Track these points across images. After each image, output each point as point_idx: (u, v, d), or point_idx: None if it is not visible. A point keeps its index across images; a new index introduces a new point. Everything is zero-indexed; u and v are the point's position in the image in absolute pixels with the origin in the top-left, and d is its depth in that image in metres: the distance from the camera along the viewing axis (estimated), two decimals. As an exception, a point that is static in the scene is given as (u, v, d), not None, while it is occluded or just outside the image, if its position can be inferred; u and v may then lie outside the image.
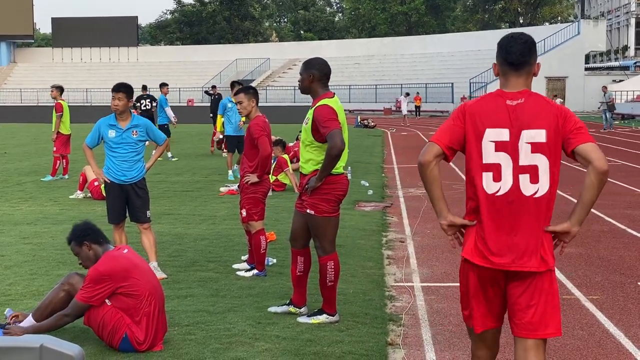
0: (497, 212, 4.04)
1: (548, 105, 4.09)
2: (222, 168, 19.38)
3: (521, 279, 4.05)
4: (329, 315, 6.63)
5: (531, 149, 4.02)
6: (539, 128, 4.02)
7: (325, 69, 6.55)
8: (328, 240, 6.60)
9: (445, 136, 4.09)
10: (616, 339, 6.32)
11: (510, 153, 4.01)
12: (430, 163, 4.07)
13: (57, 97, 17.16)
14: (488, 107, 4.09)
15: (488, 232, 4.04)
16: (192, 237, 10.45)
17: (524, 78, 4.14)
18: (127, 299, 5.88)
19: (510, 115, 4.04)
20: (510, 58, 4.19)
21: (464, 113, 4.11)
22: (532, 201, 4.04)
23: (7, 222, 11.65)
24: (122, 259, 5.97)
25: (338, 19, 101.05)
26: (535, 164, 4.03)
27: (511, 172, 4.01)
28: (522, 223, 4.03)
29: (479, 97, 4.22)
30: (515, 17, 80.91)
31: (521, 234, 4.02)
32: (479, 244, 4.07)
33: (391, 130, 37.64)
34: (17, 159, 22.46)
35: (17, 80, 74.73)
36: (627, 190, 15.49)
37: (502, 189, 4.02)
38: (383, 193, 15.00)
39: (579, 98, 58.46)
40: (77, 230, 6.16)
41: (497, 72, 4.24)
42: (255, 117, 8.34)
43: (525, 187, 4.03)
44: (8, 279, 8.05)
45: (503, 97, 4.09)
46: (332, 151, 6.31)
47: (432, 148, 4.09)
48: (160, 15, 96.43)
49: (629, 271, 8.66)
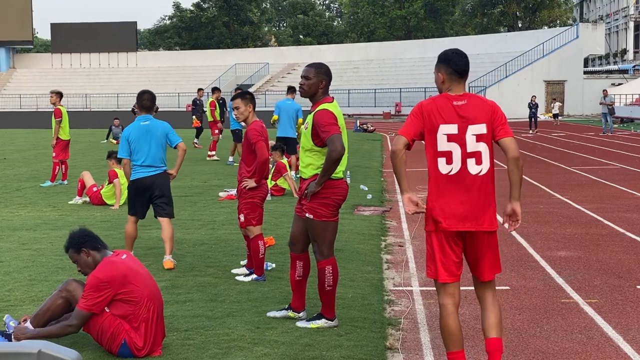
0: (450, 187, 5.18)
1: (484, 103, 5.27)
2: (221, 173, 19.39)
3: (476, 237, 5.25)
4: (328, 320, 6.63)
5: (475, 139, 5.17)
6: (480, 123, 5.18)
7: (331, 75, 6.72)
8: (326, 244, 6.60)
9: (410, 130, 5.22)
10: (615, 343, 6.32)
11: (459, 143, 5.16)
12: (400, 151, 5.22)
13: (56, 102, 17.16)
14: (440, 106, 5.19)
15: (446, 203, 5.18)
16: (191, 242, 10.46)
17: (463, 84, 5.30)
18: (126, 305, 5.88)
19: (458, 114, 5.17)
20: (458, 68, 5.26)
21: (422, 111, 5.22)
22: (478, 178, 5.20)
23: (6, 228, 11.65)
24: (120, 265, 5.96)
25: (337, 24, 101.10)
26: (479, 150, 5.19)
27: (460, 157, 5.16)
28: (472, 194, 5.19)
29: (431, 98, 5.26)
30: (514, 20, 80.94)
31: (471, 202, 5.18)
32: (440, 213, 5.18)
33: (390, 135, 37.64)
34: (16, 165, 22.46)
35: (16, 86, 74.74)
36: (626, 193, 15.50)
37: (453, 170, 5.17)
38: (382, 197, 15.01)
39: (577, 102, 58.51)
40: (74, 237, 6.12)
41: (443, 79, 5.27)
42: (253, 122, 8.36)
43: (472, 168, 5.18)
44: (7, 285, 8.06)
45: (450, 99, 5.21)
46: (332, 155, 6.34)
47: (400, 139, 5.22)
48: (159, 20, 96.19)
49: (628, 275, 8.66)
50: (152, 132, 8.98)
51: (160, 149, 9.03)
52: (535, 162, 22.36)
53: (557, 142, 31.15)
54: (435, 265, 5.24)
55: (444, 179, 5.19)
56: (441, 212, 5.17)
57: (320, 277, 6.61)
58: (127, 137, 8.98)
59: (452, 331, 5.22)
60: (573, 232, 11.26)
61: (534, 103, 39.23)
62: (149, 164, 8.93)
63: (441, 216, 5.17)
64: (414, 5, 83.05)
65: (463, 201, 5.17)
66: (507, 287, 8.16)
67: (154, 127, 9.01)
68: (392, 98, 61.05)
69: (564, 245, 10.33)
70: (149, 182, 8.93)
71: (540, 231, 11.34)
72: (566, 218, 12.46)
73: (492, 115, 5.20)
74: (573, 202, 14.17)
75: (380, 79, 65.32)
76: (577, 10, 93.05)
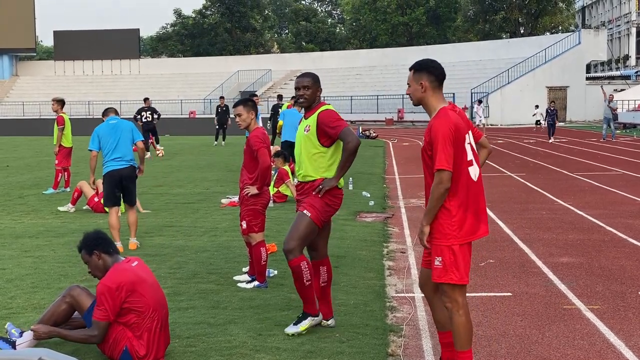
0: (478, 194, 5.29)
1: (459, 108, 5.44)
2: (224, 180, 19.40)
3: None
4: (314, 317, 6.62)
5: (474, 144, 5.35)
6: (471, 129, 5.35)
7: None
8: (304, 243, 6.58)
9: (450, 160, 5.14)
10: (617, 349, 6.31)
11: (472, 150, 5.29)
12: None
13: (58, 110, 17.19)
14: (458, 116, 5.22)
15: (475, 211, 5.28)
16: (193, 249, 10.47)
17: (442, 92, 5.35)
18: (130, 313, 5.87)
19: (465, 122, 5.28)
20: (440, 74, 5.30)
21: (451, 129, 5.13)
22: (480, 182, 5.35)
23: (8, 235, 11.67)
24: (129, 273, 5.96)
25: (339, 30, 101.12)
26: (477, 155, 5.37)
27: (475, 163, 5.29)
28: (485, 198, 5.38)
29: (444, 110, 5.20)
30: (516, 27, 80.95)
31: (485, 206, 5.38)
32: (475, 221, 5.31)
33: (393, 141, 37.66)
34: (19, 172, 22.49)
35: (19, 93, 74.90)
36: (628, 199, 15.49)
37: (476, 176, 5.28)
38: (384, 204, 15.01)
39: (580, 107, 58.49)
40: (88, 239, 6.16)
41: (426, 88, 5.27)
42: (255, 129, 8.38)
43: (478, 172, 5.33)
44: (9, 292, 8.07)
45: (454, 109, 5.27)
46: (349, 146, 6.51)
47: (448, 175, 5.13)
48: (161, 27, 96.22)
49: (630, 281, 8.65)
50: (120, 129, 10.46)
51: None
52: (538, 168, 22.34)
53: (559, 148, 31.14)
54: (460, 270, 5.25)
55: (474, 186, 5.24)
56: (476, 220, 5.26)
57: (298, 274, 6.54)
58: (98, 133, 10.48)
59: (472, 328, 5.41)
60: (575, 238, 11.26)
61: (553, 109, 37.36)
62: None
63: (476, 225, 5.26)
64: (416, 12, 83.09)
65: (484, 206, 5.35)
66: (509, 293, 8.16)
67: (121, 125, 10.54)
68: (394, 104, 61.06)
69: (566, 252, 10.32)
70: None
71: (542, 237, 11.34)
72: (568, 224, 12.45)
73: (469, 122, 5.38)
74: (575, 208, 14.16)
75: (383, 86, 65.34)
76: (579, 17, 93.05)
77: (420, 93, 5.27)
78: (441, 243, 5.24)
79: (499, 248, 10.55)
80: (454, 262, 5.25)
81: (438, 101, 5.25)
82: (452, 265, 5.25)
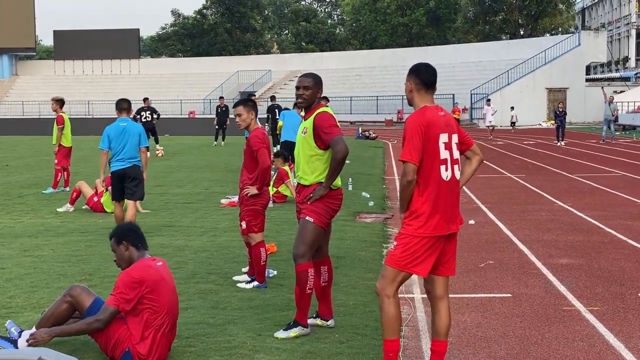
0: (447, 192, 5.41)
1: (451, 116, 5.61)
2: (223, 180, 19.39)
3: (452, 238, 5.53)
4: (303, 327, 6.60)
5: (457, 146, 5.51)
6: (456, 133, 5.51)
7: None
8: (311, 248, 6.57)
9: (415, 154, 5.32)
10: (617, 351, 6.30)
11: (450, 150, 5.42)
12: (414, 180, 5.37)
13: (57, 110, 17.18)
14: (434, 116, 5.39)
15: (444, 209, 5.38)
16: (192, 249, 10.46)
17: (432, 95, 5.53)
18: (145, 311, 5.86)
19: (445, 123, 5.43)
20: (426, 79, 5.48)
21: (421, 125, 5.32)
22: (457, 182, 5.51)
23: (7, 235, 11.66)
24: (153, 271, 5.97)
25: (339, 31, 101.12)
26: (458, 158, 5.52)
27: (450, 163, 5.42)
28: (457, 198, 5.53)
29: (420, 111, 5.42)
30: (516, 28, 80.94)
31: (456, 205, 5.51)
32: (443, 217, 5.41)
33: (392, 142, 37.67)
34: (18, 172, 22.49)
35: (19, 93, 74.85)
36: (627, 201, 15.49)
37: (448, 176, 5.41)
38: (384, 204, 15.01)
39: (580, 109, 58.44)
40: (120, 228, 6.30)
41: (411, 89, 5.50)
42: (255, 129, 8.37)
43: (457, 173, 5.49)
44: (9, 292, 8.06)
45: (436, 110, 5.44)
46: (337, 155, 6.48)
47: (411, 167, 5.33)
48: (161, 27, 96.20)
49: (630, 282, 8.65)
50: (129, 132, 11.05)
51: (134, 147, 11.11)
52: (537, 170, 22.34)
53: (559, 150, 31.15)
54: (417, 263, 5.34)
55: (445, 185, 5.37)
56: (443, 216, 5.35)
57: (302, 280, 6.55)
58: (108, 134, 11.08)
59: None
60: (575, 240, 11.26)
61: (562, 111, 35.59)
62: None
63: (444, 219, 5.35)
64: (416, 13, 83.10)
65: (453, 205, 5.47)
66: (508, 294, 8.15)
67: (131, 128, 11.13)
68: (394, 105, 61.03)
69: (565, 253, 10.32)
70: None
71: (542, 238, 11.34)
72: (568, 225, 12.45)
73: (458, 126, 5.58)
74: (575, 210, 14.16)
75: (382, 86, 65.32)
76: (579, 18, 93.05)
77: (408, 93, 5.56)
78: (404, 231, 5.43)
79: (498, 249, 10.55)
80: (407, 250, 5.35)
81: (422, 102, 5.49)
82: (407, 254, 5.37)
